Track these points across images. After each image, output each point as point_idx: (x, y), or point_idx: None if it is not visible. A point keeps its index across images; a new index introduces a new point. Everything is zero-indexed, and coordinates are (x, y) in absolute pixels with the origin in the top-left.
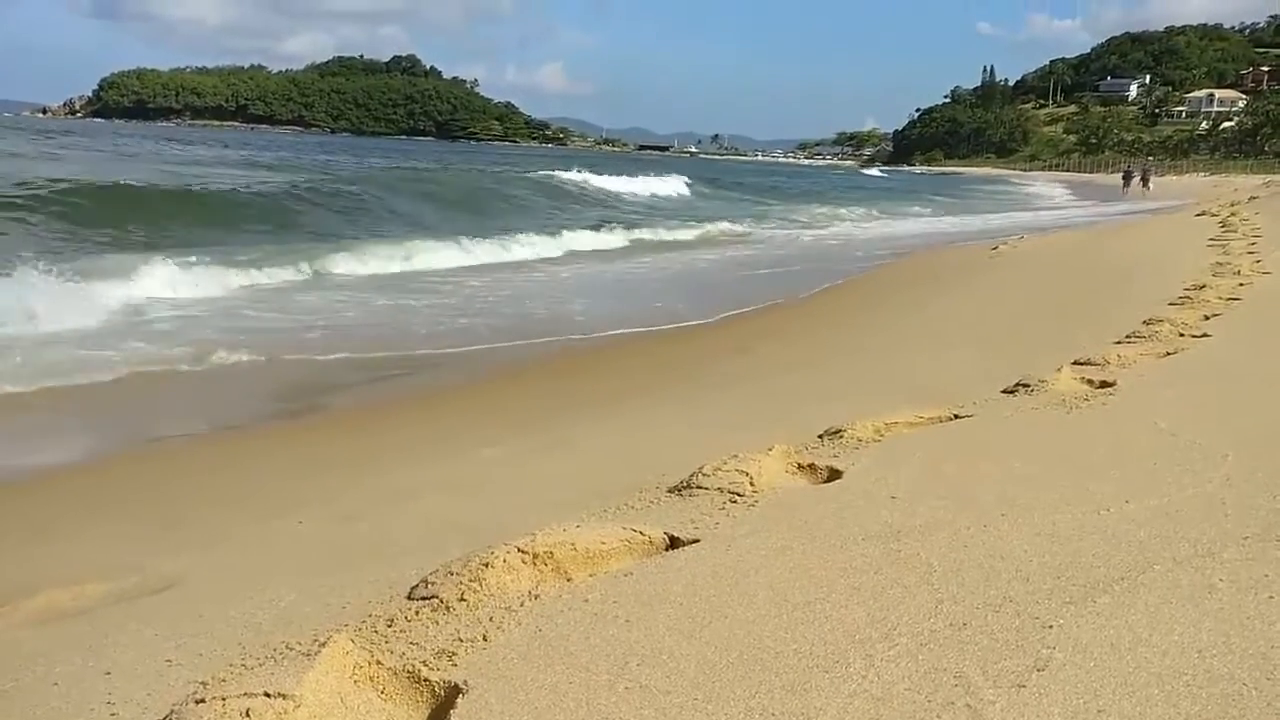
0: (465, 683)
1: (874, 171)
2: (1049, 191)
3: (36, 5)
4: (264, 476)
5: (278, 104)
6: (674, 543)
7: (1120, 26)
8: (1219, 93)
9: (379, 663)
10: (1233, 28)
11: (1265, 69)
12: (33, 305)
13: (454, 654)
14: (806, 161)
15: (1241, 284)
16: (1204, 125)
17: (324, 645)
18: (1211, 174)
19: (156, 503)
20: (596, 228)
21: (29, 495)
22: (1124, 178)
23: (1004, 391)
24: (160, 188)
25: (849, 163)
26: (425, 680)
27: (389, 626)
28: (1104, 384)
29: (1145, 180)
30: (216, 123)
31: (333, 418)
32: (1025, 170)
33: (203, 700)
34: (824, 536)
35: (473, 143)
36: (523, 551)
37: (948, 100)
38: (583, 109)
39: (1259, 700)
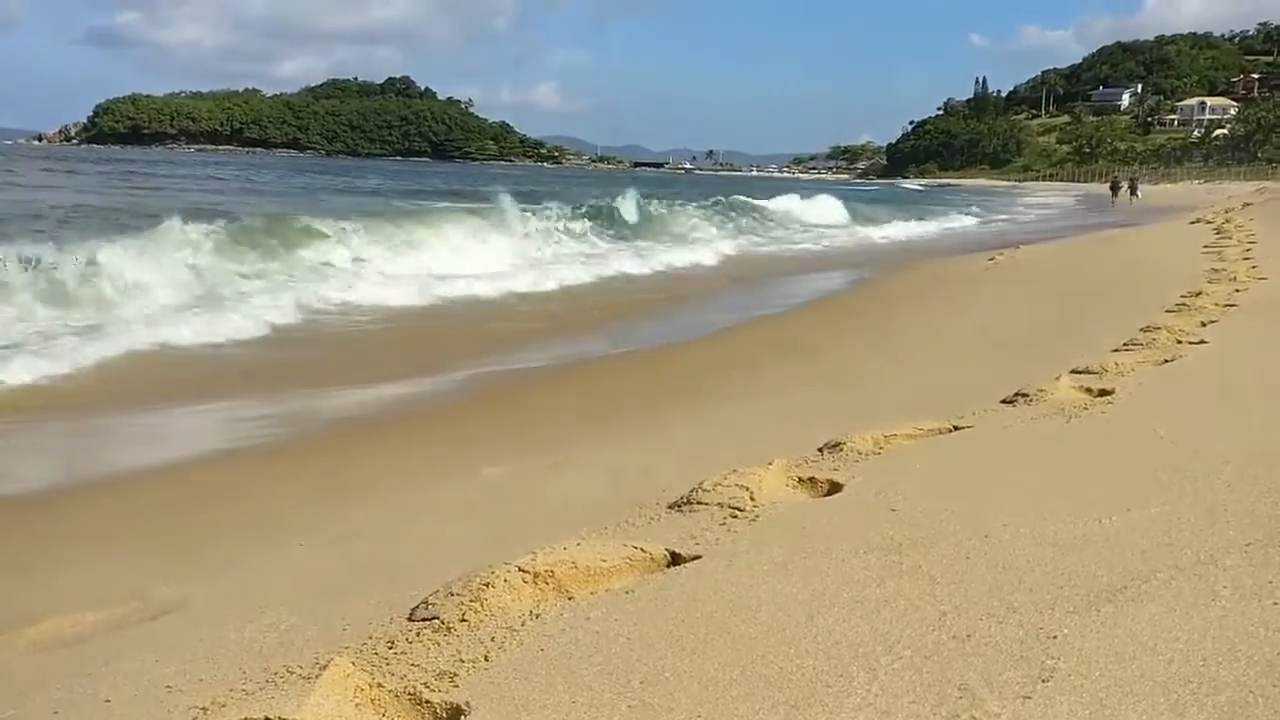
0: (467, 704)
1: (912, 185)
2: (1054, 201)
3: (30, 33)
4: (264, 500)
5: (272, 127)
6: (675, 559)
7: (1111, 36)
8: (1211, 100)
9: (380, 685)
10: (1223, 36)
11: (1256, 76)
12: None
13: (455, 675)
14: (805, 176)
15: (1238, 290)
16: (1197, 133)
17: (325, 668)
18: (1205, 181)
19: (155, 528)
20: None
21: (28, 521)
22: (1112, 188)
23: (1003, 401)
24: None
25: (844, 175)
26: (427, 702)
27: (390, 648)
28: (1103, 392)
29: (1133, 190)
30: (212, 147)
31: (332, 439)
32: (1020, 181)
33: None
34: (825, 550)
35: (471, 163)
36: (523, 571)
37: (941, 112)
38: (577, 127)
39: (1265, 708)
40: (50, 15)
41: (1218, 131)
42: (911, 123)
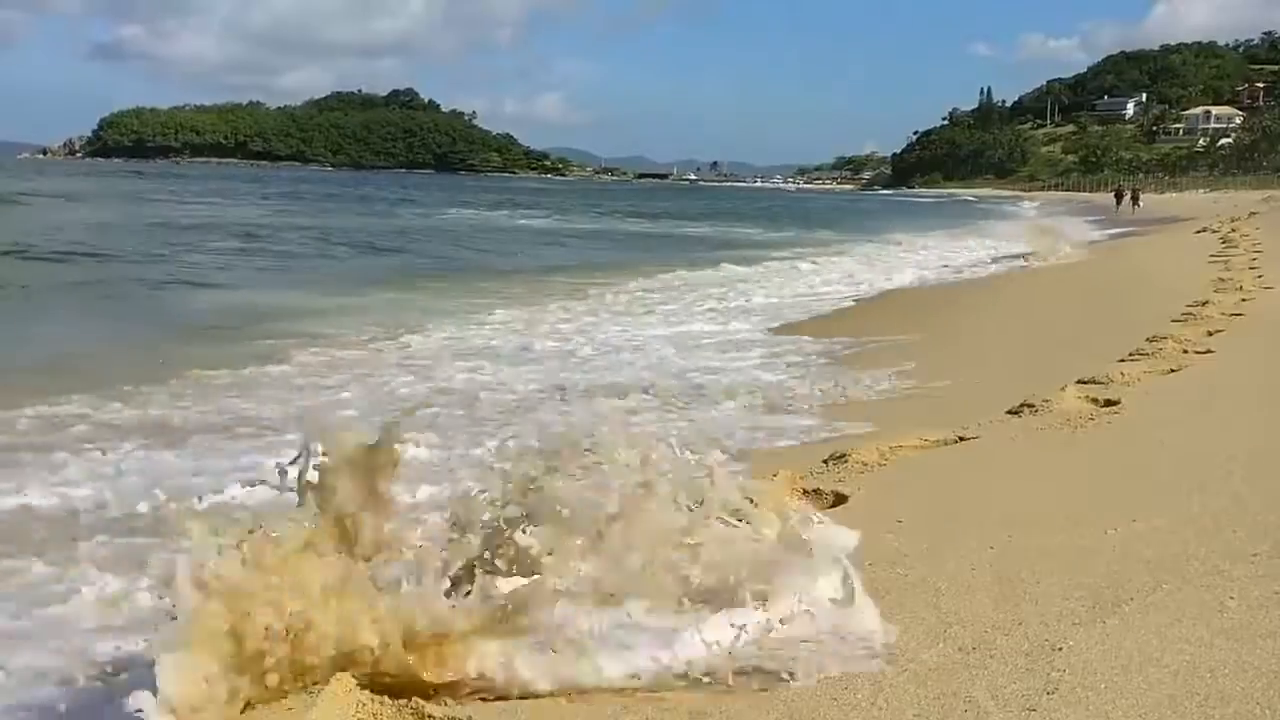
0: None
1: (970, 196)
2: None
3: (33, 48)
4: None
5: (276, 140)
6: None
7: (1116, 45)
8: (1215, 109)
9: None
10: (1227, 44)
11: (1260, 85)
12: None
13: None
14: (809, 186)
15: (1244, 299)
16: (1202, 142)
17: None
18: (1211, 190)
19: None
20: None
21: None
22: (1116, 197)
23: (1009, 412)
24: None
25: (849, 186)
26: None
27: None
28: (1109, 403)
29: (1135, 198)
30: (216, 160)
31: None
32: (1026, 190)
33: None
34: None
35: (484, 177)
36: None
37: (946, 123)
38: (581, 139)
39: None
40: (53, 30)
41: (1223, 140)
42: (916, 133)
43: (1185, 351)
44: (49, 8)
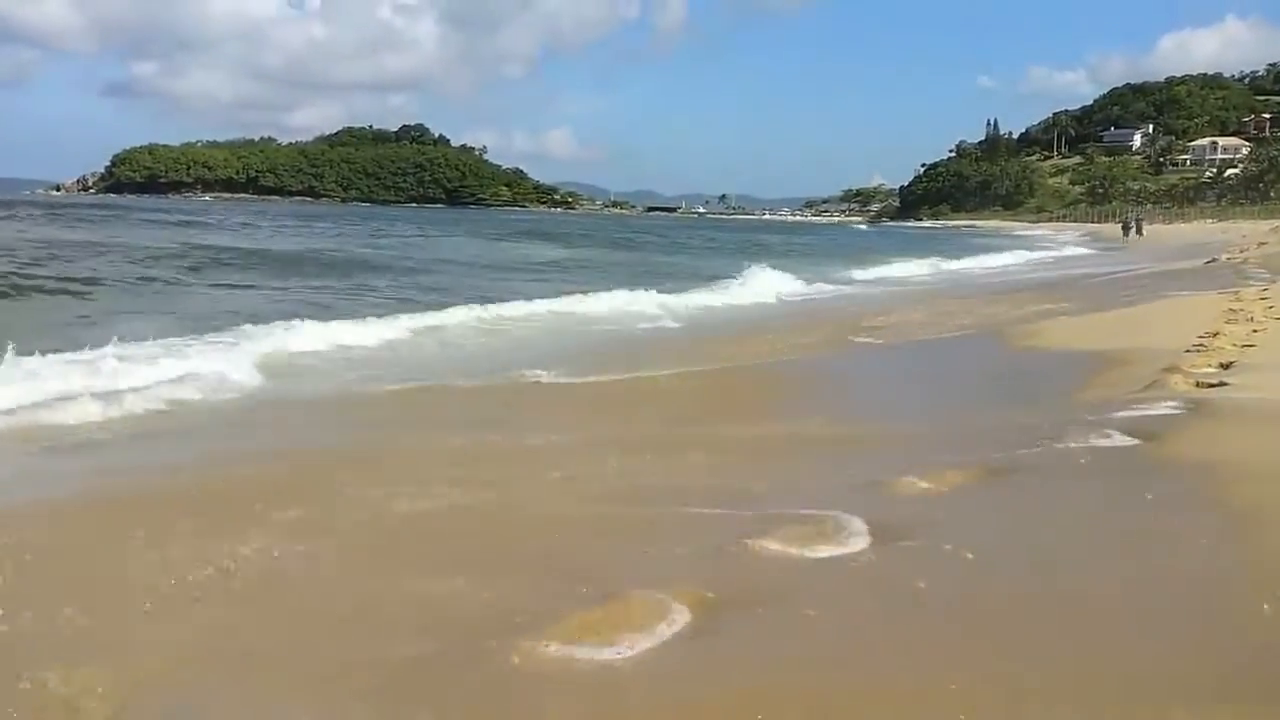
0: None
1: (1043, 230)
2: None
3: (45, 86)
4: None
5: (288, 175)
6: None
7: (1121, 78)
8: (1222, 140)
9: None
10: (1233, 76)
11: (1267, 116)
12: None
13: None
14: (817, 219)
15: (1256, 330)
16: (1209, 173)
17: None
18: (1219, 221)
19: None
20: None
21: None
22: (1123, 228)
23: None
24: None
25: (856, 218)
26: None
27: None
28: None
29: (1139, 228)
30: (228, 195)
31: None
32: (1035, 222)
33: None
34: None
35: (502, 211)
36: None
37: (953, 155)
38: (590, 173)
39: None
40: (66, 68)
41: (1230, 171)
42: (923, 165)
43: (1198, 385)
44: (63, 46)
